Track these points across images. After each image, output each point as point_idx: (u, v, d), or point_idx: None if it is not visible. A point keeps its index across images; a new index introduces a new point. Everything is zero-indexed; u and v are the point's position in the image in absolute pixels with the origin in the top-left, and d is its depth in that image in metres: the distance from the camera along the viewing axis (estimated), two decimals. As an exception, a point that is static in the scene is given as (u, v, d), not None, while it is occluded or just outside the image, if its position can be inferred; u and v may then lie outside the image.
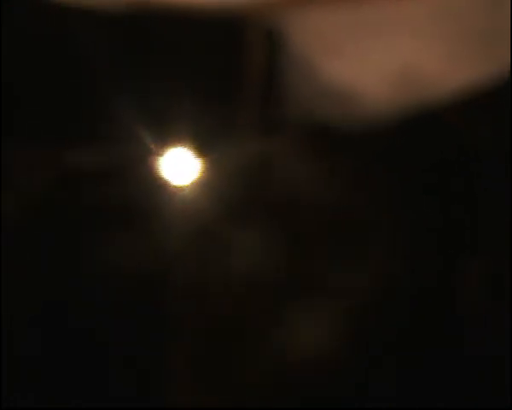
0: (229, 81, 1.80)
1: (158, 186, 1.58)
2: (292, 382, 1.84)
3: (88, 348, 1.80)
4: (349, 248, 1.89)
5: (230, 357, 1.93)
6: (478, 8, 1.59)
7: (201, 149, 1.72)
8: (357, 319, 1.89)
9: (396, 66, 1.65)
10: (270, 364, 1.86)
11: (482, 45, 1.52)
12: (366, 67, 1.73)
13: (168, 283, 1.65)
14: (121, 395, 1.75)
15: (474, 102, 1.65)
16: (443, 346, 1.98)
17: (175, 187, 1.58)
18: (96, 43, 1.61)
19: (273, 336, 1.92)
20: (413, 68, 1.61)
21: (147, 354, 1.73)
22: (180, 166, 1.58)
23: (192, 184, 1.60)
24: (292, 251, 1.77)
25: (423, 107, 1.62)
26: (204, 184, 1.60)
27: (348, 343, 1.85)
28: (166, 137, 1.56)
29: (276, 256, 1.70)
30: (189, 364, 1.89)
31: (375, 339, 1.97)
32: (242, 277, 1.70)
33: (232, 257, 1.69)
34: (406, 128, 1.67)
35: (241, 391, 1.86)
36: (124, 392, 1.77)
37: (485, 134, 1.67)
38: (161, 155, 1.56)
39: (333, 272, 1.92)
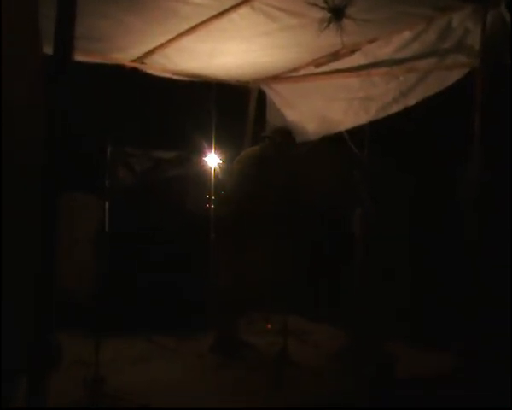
0: (240, 118, 3.42)
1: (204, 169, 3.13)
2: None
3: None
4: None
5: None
6: (363, 86, 3.26)
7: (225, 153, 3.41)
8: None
9: (319, 115, 3.34)
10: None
11: (362, 106, 3.19)
12: (305, 115, 3.43)
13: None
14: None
15: (358, 133, 3.28)
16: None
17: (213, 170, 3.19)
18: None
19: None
20: (328, 116, 3.29)
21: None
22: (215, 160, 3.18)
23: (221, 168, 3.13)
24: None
25: (332, 134, 3.31)
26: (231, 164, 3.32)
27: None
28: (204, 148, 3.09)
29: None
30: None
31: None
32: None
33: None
34: (322, 144, 3.34)
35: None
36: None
37: (368, 148, 3.33)
38: (204, 155, 3.11)
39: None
